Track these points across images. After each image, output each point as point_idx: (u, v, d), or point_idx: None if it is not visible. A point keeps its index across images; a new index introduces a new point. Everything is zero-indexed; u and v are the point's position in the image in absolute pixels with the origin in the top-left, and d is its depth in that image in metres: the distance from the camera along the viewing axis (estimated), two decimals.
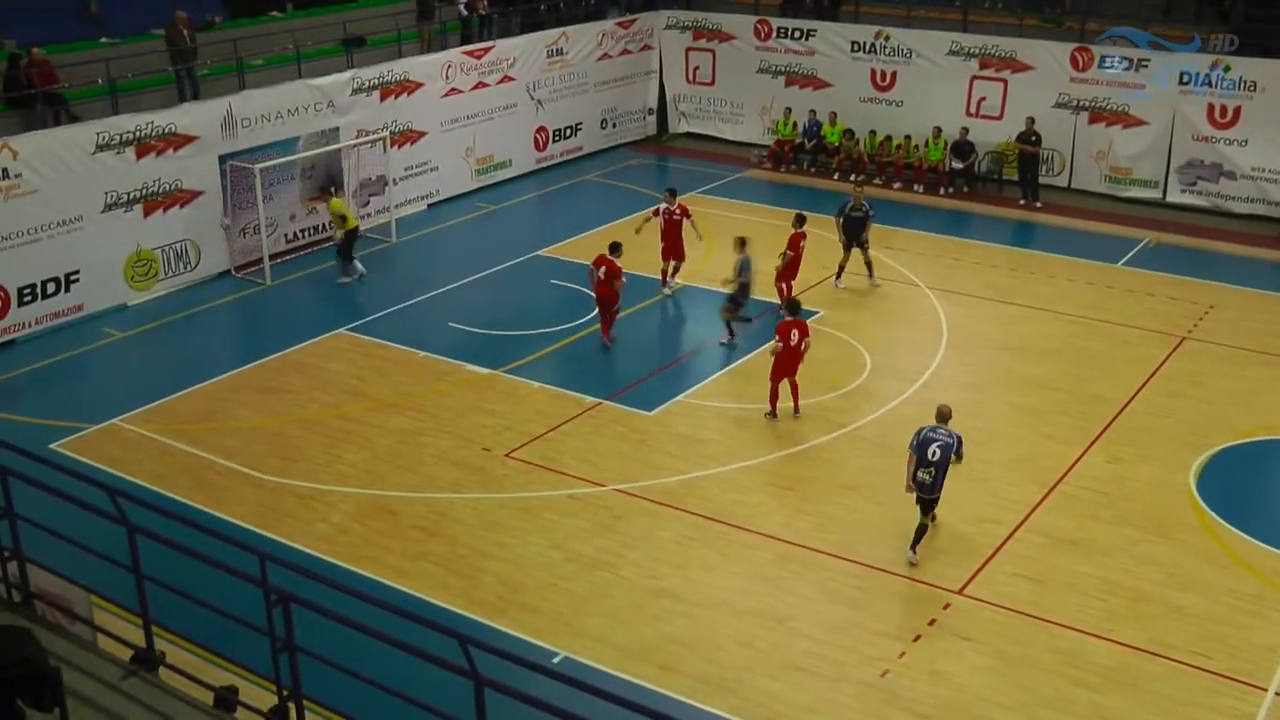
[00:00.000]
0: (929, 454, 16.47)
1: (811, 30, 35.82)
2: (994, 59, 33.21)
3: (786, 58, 36.28)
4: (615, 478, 18.65)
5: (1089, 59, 31.97)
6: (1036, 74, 32.71)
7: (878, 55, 34.87)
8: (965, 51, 33.58)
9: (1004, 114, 33.18)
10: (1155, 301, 25.82)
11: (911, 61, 34.39)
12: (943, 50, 33.88)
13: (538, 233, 29.21)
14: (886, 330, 24.18)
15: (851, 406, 20.91)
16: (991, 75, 33.32)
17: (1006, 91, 33.19)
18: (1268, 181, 30.58)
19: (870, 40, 34.91)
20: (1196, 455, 19.41)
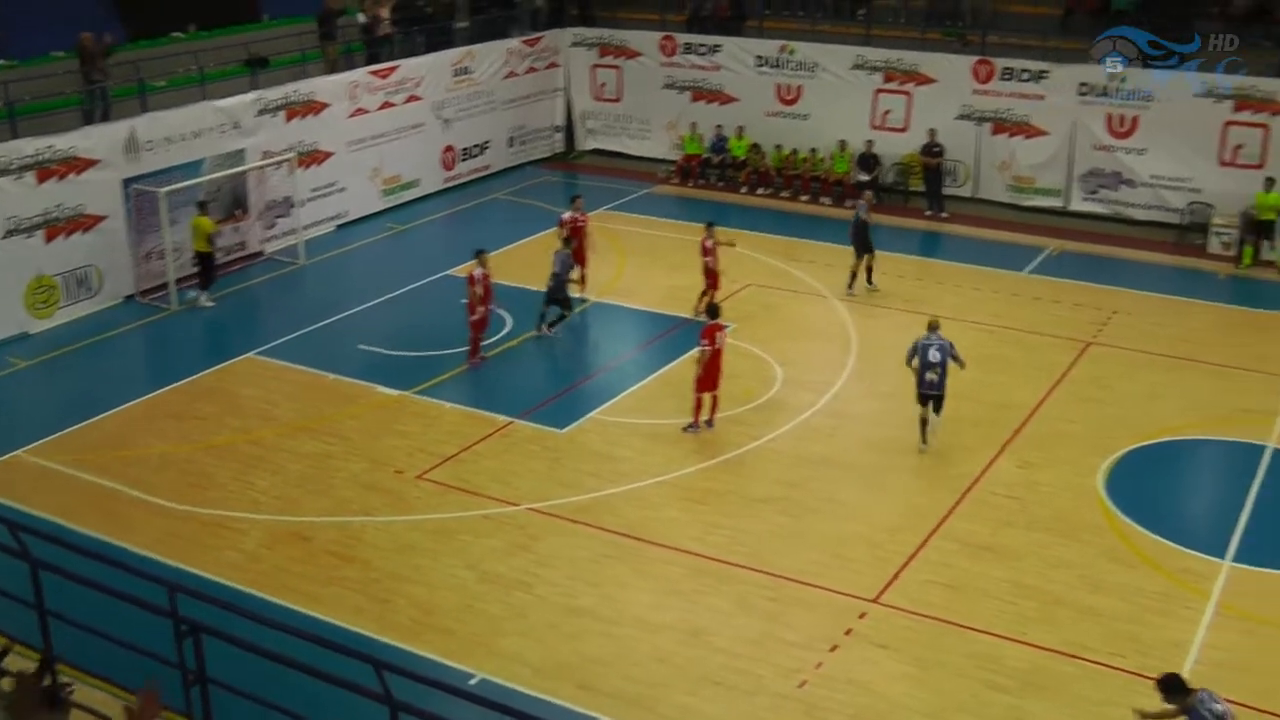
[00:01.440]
0: (930, 357, 19.68)
1: (717, 46, 36.07)
2: (898, 72, 33.66)
3: (692, 73, 36.49)
4: (529, 497, 18.60)
5: (990, 71, 32.50)
6: (940, 87, 33.19)
7: (783, 70, 35.18)
8: (869, 65, 33.98)
9: (909, 126, 33.60)
10: (1060, 308, 26.25)
11: (816, 75, 34.73)
12: (847, 64, 34.25)
13: (447, 252, 29.06)
14: (796, 343, 24.35)
15: (763, 419, 21.02)
16: (895, 88, 33.75)
17: (911, 104, 33.63)
18: (1166, 189, 31.24)
19: (775, 55, 35.21)
20: (1104, 458, 19.74)
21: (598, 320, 25.87)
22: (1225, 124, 30.38)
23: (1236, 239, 29.74)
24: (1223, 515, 18.22)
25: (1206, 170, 30.74)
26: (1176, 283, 28.17)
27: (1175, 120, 30.77)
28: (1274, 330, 25.27)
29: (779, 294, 26.59)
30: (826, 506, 18.38)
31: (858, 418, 21.30)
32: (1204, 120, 30.48)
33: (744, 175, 34.99)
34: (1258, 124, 30.06)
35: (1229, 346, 24.31)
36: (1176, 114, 30.72)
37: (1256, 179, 29.99)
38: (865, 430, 20.87)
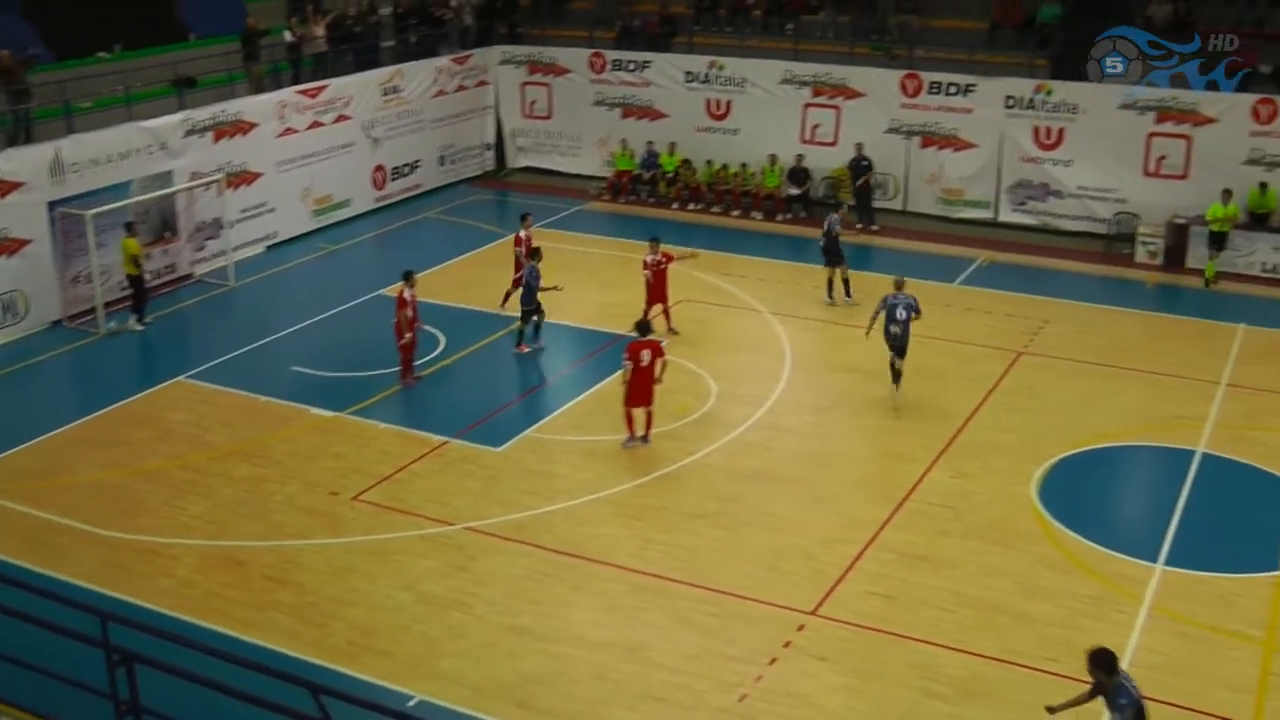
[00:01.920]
0: (898, 315, 21.72)
1: (646, 62, 36.21)
2: (826, 86, 33.93)
3: (622, 90, 36.60)
4: (466, 516, 18.53)
5: (918, 85, 32.86)
6: (868, 100, 33.51)
7: (712, 85, 35.37)
8: (798, 80, 34.24)
9: (838, 140, 33.89)
10: (992, 318, 26.54)
11: (746, 90, 34.96)
12: (776, 79, 34.50)
13: (379, 272, 28.89)
14: (730, 357, 24.44)
15: (699, 434, 21.08)
16: (824, 103, 34.03)
17: (840, 118, 33.92)
18: (1093, 199, 31.71)
19: (704, 70, 35.40)
20: (1037, 466, 19.97)
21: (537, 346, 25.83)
22: (1149, 135, 30.89)
23: (1163, 248, 30.23)
24: (1154, 520, 18.49)
25: (1132, 181, 31.26)
26: (1105, 292, 28.58)
27: (1100, 132, 31.27)
28: (1200, 338, 25.67)
29: (712, 309, 26.69)
30: (763, 520, 18.45)
31: (792, 431, 21.42)
32: (1128, 132, 31.00)
33: (675, 191, 35.12)
34: (1180, 135, 30.60)
35: (1157, 354, 24.67)
36: (1101, 126, 31.23)
37: (1180, 189, 30.58)
38: (800, 443, 20.98)
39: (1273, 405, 22.41)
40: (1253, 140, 29.96)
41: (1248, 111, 29.90)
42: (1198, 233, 29.91)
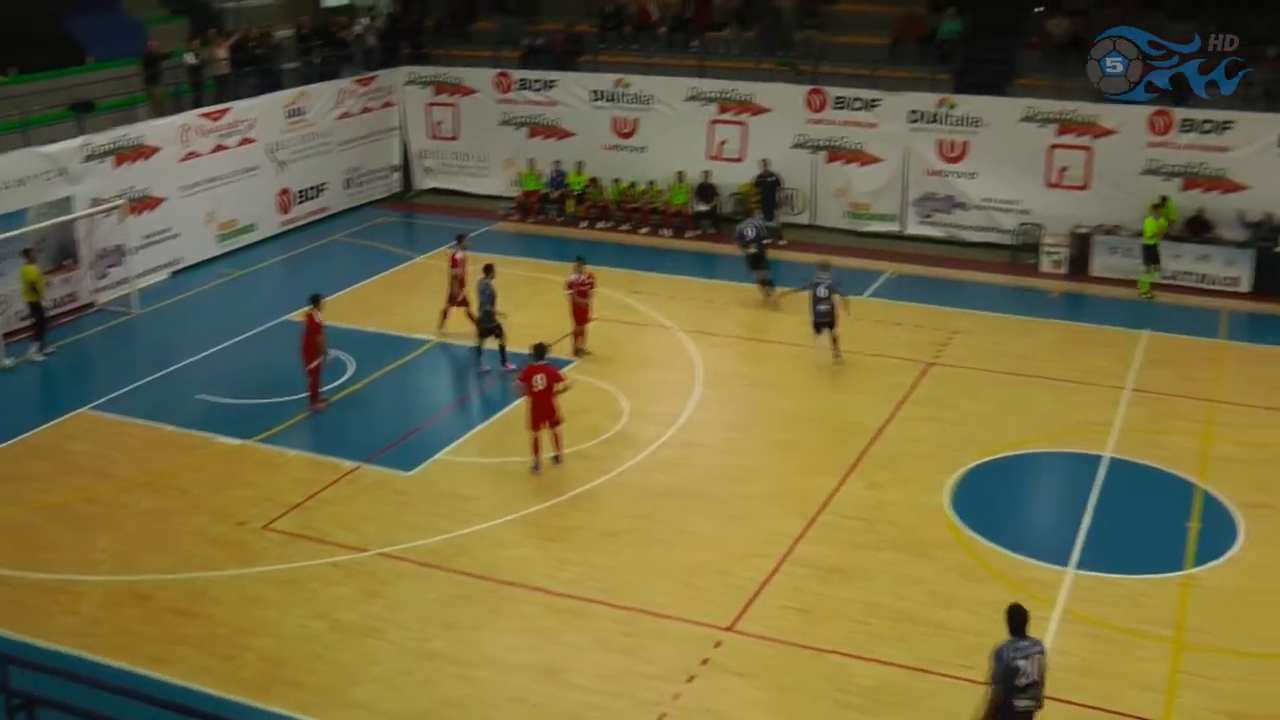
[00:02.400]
0: (819, 293, 24.18)
1: (552, 81, 36.23)
2: (732, 103, 34.18)
3: (528, 109, 36.59)
4: (378, 541, 18.36)
5: (823, 100, 33.19)
6: (774, 116, 33.79)
7: (618, 103, 35.47)
8: (704, 96, 34.45)
9: (745, 156, 34.12)
10: (901, 330, 26.81)
11: (652, 108, 35.10)
12: (682, 96, 34.68)
13: (286, 297, 28.53)
14: (642, 374, 24.48)
15: (611, 453, 21.07)
16: (731, 119, 34.27)
17: (746, 134, 34.16)
18: (997, 210, 32.18)
19: (610, 89, 35.51)
20: (949, 475, 20.18)
21: (442, 360, 25.70)
22: (1050, 147, 31.44)
23: (1066, 257, 30.75)
24: (1065, 525, 18.75)
25: (1035, 192, 31.80)
26: (1012, 302, 29.01)
27: (1003, 144, 31.79)
28: (1105, 344, 26.11)
29: (622, 327, 26.71)
30: (678, 537, 18.46)
31: (705, 447, 21.48)
32: (1030, 144, 31.55)
33: (583, 209, 35.15)
34: (1081, 146, 31.19)
35: (1064, 362, 25.05)
36: (1004, 138, 31.75)
37: (1082, 199, 31.20)
38: (713, 459, 21.04)
39: (1176, 409, 22.87)
40: (1150, 151, 30.60)
41: (1145, 123, 30.52)
42: (1100, 242, 30.49)
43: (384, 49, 38.64)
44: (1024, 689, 12.23)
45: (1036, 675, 12.27)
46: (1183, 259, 29.78)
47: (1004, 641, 12.35)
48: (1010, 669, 12.16)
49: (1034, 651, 12.30)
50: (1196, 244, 29.78)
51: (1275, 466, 20.66)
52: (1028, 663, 12.21)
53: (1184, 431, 21.97)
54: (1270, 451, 21.20)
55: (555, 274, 26.03)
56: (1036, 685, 12.28)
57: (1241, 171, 29.97)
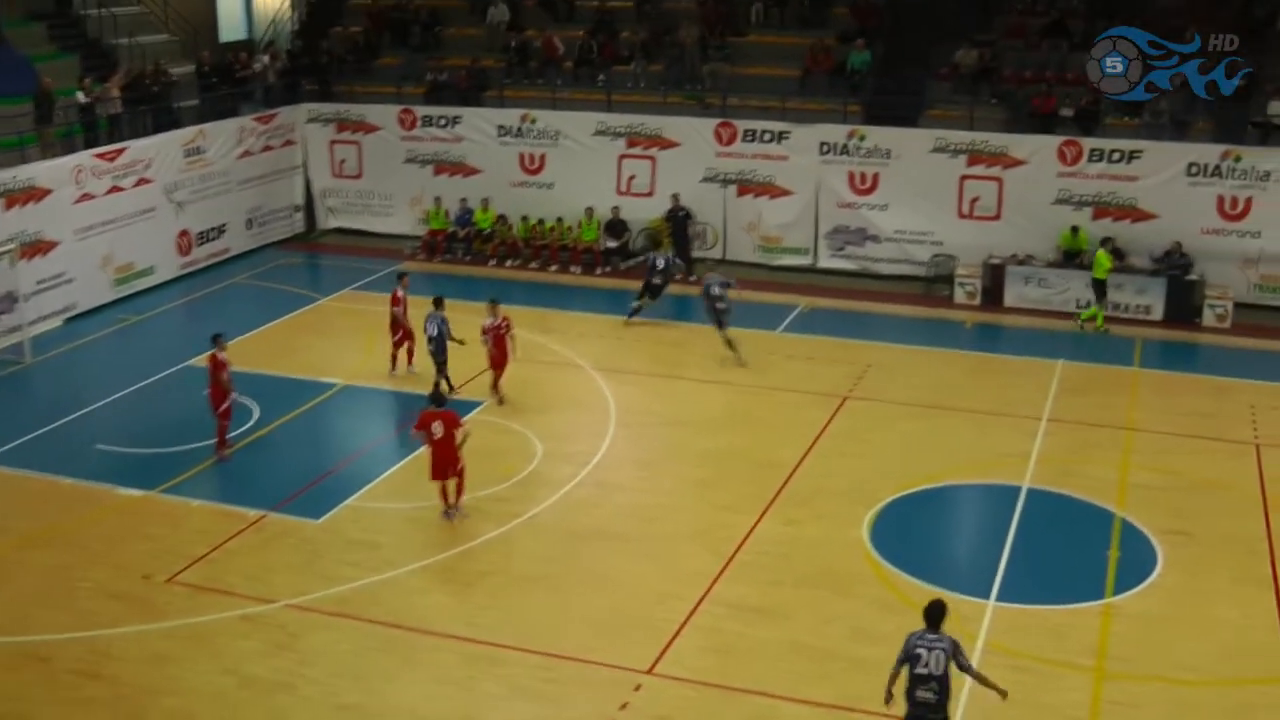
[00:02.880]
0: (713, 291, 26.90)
1: (457, 117, 36.25)
2: (641, 137, 34.42)
3: (434, 146, 36.57)
4: (287, 592, 18.15)
5: (732, 133, 33.54)
6: (683, 150, 34.08)
7: (525, 139, 35.56)
8: (612, 131, 34.66)
9: (654, 190, 34.36)
10: (816, 364, 27.07)
11: (559, 143, 35.23)
12: (589, 131, 34.86)
13: (187, 342, 28.18)
14: (554, 415, 24.47)
15: (525, 495, 21.03)
16: (639, 153, 34.51)
17: (655, 168, 34.40)
18: (910, 242, 32.67)
19: (517, 124, 35.61)
20: (867, 510, 20.36)
21: (349, 404, 25.52)
22: (961, 178, 31.99)
23: (980, 288, 31.24)
24: (985, 557, 18.99)
25: (947, 223, 32.34)
26: (926, 333, 29.43)
27: (914, 176, 32.32)
28: (1020, 375, 26.54)
29: (534, 366, 26.64)
30: (595, 580, 18.46)
31: (620, 487, 21.51)
32: (941, 175, 32.12)
33: (491, 248, 35.16)
34: (991, 177, 31.78)
35: (980, 392, 25.43)
36: (914, 169, 32.28)
37: (994, 230, 31.76)
38: (629, 499, 21.07)
39: (1093, 438, 23.29)
40: (1060, 181, 31.29)
41: (1054, 153, 31.21)
42: (1014, 272, 31.03)
43: (285, 85, 38.47)
44: (923, 679, 13.09)
45: (936, 670, 13.06)
46: None
47: (914, 632, 13.30)
48: (912, 655, 13.10)
49: (937, 646, 13.12)
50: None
51: (1191, 493, 21.13)
52: (928, 654, 13.08)
53: (1101, 460, 22.37)
54: (1186, 479, 21.66)
55: (464, 314, 25.95)
56: (935, 679, 13.07)
57: (1150, 200, 30.71)
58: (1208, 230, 30.42)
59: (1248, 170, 30.06)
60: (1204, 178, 30.40)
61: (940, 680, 13.12)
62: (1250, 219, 30.28)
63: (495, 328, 24.68)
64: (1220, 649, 16.67)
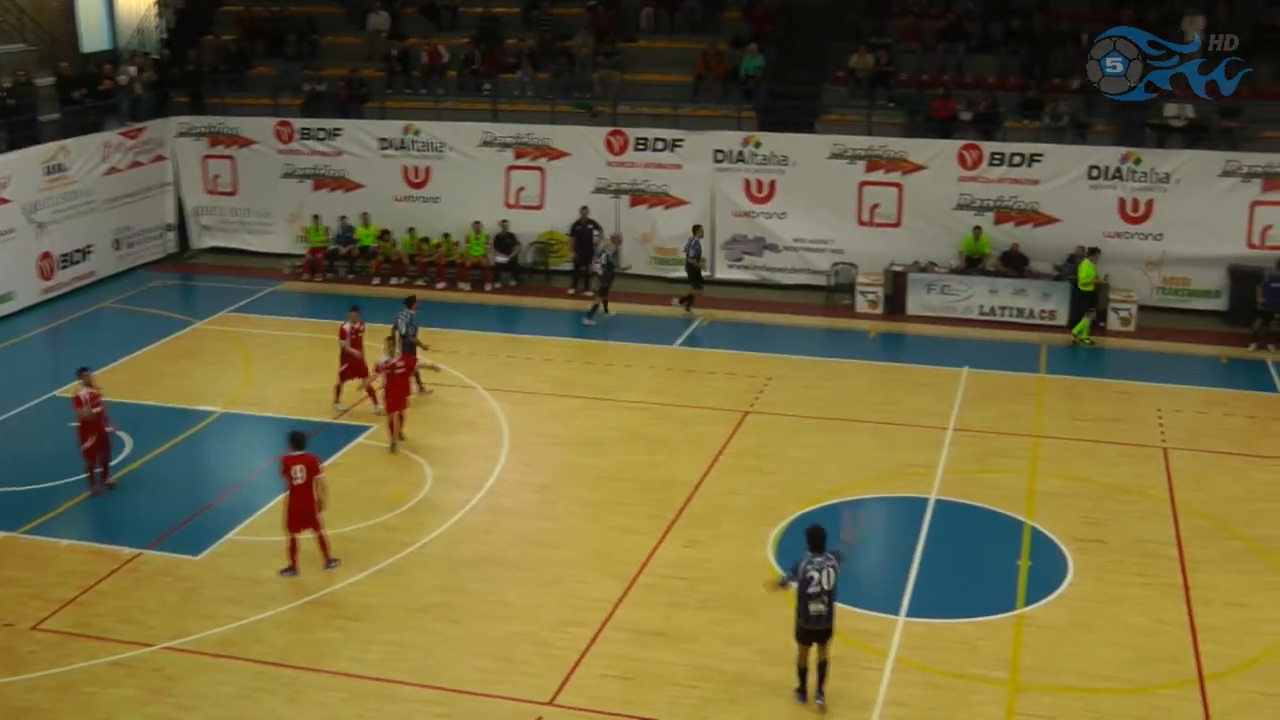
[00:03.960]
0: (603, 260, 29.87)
1: (337, 129, 35.98)
2: (529, 147, 34.39)
3: (313, 160, 36.26)
4: (164, 634, 17.79)
5: (624, 142, 33.62)
6: (573, 160, 34.11)
7: (408, 151, 35.39)
8: (499, 142, 34.60)
9: (544, 203, 34.35)
10: (716, 379, 27.18)
11: (444, 155, 35.11)
12: (475, 142, 34.78)
13: (52, 372, 27.70)
14: (444, 438, 24.30)
15: (415, 523, 20.85)
16: (528, 164, 34.48)
17: (545, 180, 34.38)
18: (809, 251, 32.96)
19: (399, 136, 35.40)
20: (771, 528, 20.46)
21: (229, 432, 25.14)
22: (860, 184, 32.35)
23: (882, 296, 31.58)
24: (893, 571, 19.21)
25: (847, 231, 32.70)
26: (828, 344, 29.72)
27: (812, 183, 32.64)
28: (925, 385, 26.87)
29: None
30: (490, 608, 18.34)
31: (514, 512, 21.41)
32: (840, 181, 32.48)
33: (375, 265, 34.90)
34: (891, 183, 32.17)
35: (885, 403, 25.71)
36: (812, 176, 32.61)
37: (895, 236, 32.12)
38: (523, 524, 20.99)
39: (999, 446, 23.64)
40: (961, 186, 31.81)
41: (954, 158, 31.69)
42: (916, 279, 31.41)
43: (153, 98, 37.89)
44: (815, 595, 15.32)
45: (826, 585, 15.30)
46: (1000, 294, 30.86)
47: (803, 555, 15.36)
48: (805, 578, 15.28)
49: (826, 565, 15.32)
50: (1013, 278, 30.87)
51: (1100, 499, 21.53)
52: (819, 574, 15.27)
53: (1009, 469, 22.70)
54: (1094, 485, 22.06)
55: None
56: (826, 594, 15.30)
57: (1052, 204, 31.31)
58: (1110, 233, 31.07)
59: (1148, 172, 30.77)
60: (1105, 180, 31.07)
61: (830, 594, 15.33)
62: (1152, 221, 31.01)
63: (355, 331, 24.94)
64: (1133, 655, 17.00)
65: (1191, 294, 31.30)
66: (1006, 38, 35.06)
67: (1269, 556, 19.67)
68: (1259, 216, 30.48)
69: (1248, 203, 30.46)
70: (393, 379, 23.67)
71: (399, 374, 23.77)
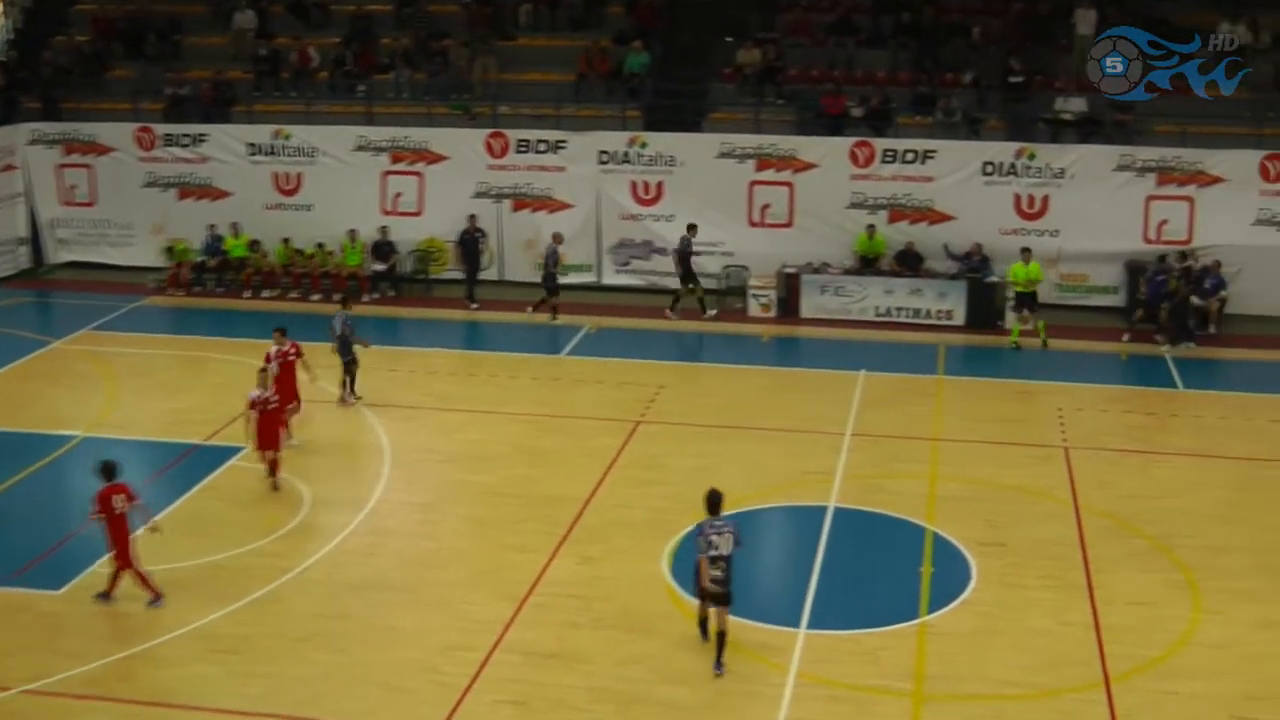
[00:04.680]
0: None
1: (202, 135, 35.53)
2: (406, 151, 34.23)
3: (177, 167, 35.75)
4: (23, 677, 17.29)
5: (505, 144, 33.56)
6: (453, 164, 34.01)
7: (279, 156, 35.05)
8: (374, 145, 34.41)
9: (423, 209, 34.18)
10: (605, 389, 27.21)
11: (317, 161, 34.83)
12: (349, 146, 34.55)
13: None
14: (322, 458, 24.03)
15: (294, 548, 20.54)
16: (405, 169, 34.32)
17: (423, 185, 34.21)
18: (699, 254, 32.93)
19: (269, 141, 35.04)
20: (666, 541, 20.46)
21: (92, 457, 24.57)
22: (750, 184, 32.57)
23: (775, 299, 31.81)
24: (793, 583, 19.31)
25: (737, 232, 32.94)
26: (721, 349, 29.90)
27: (701, 183, 32.84)
28: (821, 389, 27.11)
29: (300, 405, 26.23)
30: (375, 635, 18.15)
31: (398, 533, 21.21)
32: (729, 181, 32.68)
33: (245, 277, 34.47)
34: (781, 182, 32.43)
35: (780, 409, 25.90)
36: (701, 177, 32.80)
37: (787, 237, 32.39)
38: (408, 545, 20.81)
39: (898, 451, 23.90)
40: (853, 184, 32.18)
41: (846, 155, 32.03)
42: (809, 281, 31.69)
43: (0, 103, 37.10)
44: (714, 560, 16.54)
45: (725, 550, 16.55)
46: (895, 294, 31.23)
47: (703, 520, 16.72)
48: (709, 541, 16.53)
49: (726, 529, 16.67)
50: (910, 278, 31.24)
51: (1002, 502, 21.84)
52: (719, 537, 16.56)
53: (909, 474, 22.95)
54: (995, 487, 22.38)
55: (219, 352, 25.39)
56: (724, 559, 16.54)
57: (947, 201, 31.76)
58: (1006, 230, 31.58)
59: (1042, 168, 31.37)
60: (999, 176, 31.62)
61: (728, 559, 16.58)
62: (1048, 217, 31.62)
63: (283, 354, 23.88)
64: (1038, 659, 17.22)
65: (1090, 290, 31.95)
66: (896, 31, 35.56)
67: (1171, 554, 20.06)
68: (1154, 211, 31.23)
69: (1143, 197, 31.19)
70: (265, 415, 22.55)
71: (272, 409, 22.67)
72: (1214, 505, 22.02)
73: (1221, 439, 24.76)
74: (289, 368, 24.27)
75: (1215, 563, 19.72)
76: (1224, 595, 18.77)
